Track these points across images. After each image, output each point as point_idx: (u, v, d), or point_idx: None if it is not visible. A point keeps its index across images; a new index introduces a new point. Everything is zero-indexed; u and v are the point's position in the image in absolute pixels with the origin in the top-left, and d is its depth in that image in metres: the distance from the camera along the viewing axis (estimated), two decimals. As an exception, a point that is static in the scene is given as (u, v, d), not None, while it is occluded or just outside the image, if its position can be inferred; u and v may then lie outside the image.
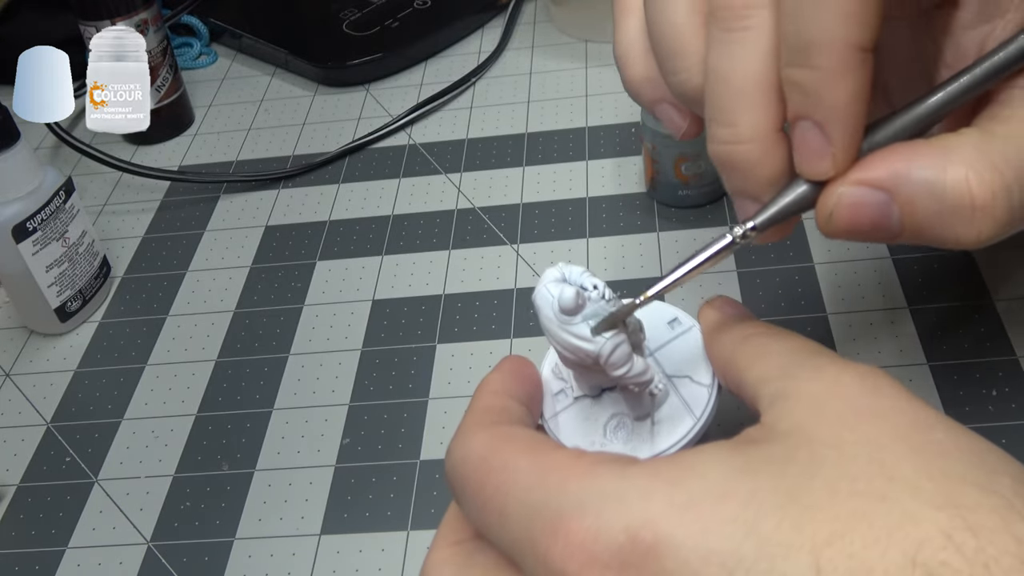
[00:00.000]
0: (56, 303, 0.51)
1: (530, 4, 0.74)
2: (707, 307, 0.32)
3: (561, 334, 0.28)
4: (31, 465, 0.46)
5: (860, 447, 0.23)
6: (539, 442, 0.27)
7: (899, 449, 0.22)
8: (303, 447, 0.45)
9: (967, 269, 0.47)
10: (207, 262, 0.56)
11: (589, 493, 0.24)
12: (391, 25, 0.70)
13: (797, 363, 0.26)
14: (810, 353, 0.27)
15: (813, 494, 0.22)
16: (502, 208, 0.56)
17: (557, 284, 0.29)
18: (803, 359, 0.27)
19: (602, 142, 0.59)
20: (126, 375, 0.50)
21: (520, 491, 0.25)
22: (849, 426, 0.23)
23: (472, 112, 0.64)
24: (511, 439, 0.27)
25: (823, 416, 0.24)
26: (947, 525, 0.20)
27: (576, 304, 0.28)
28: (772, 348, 0.28)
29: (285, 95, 0.69)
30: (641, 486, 0.23)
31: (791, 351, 0.27)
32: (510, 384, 0.31)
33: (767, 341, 0.28)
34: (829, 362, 0.26)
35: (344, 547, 0.40)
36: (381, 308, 0.51)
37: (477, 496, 0.26)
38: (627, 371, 0.29)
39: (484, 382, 0.31)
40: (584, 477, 0.24)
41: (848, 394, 0.24)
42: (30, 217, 0.48)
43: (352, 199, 0.58)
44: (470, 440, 0.27)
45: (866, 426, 0.23)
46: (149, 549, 0.42)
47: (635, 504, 0.23)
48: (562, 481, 0.24)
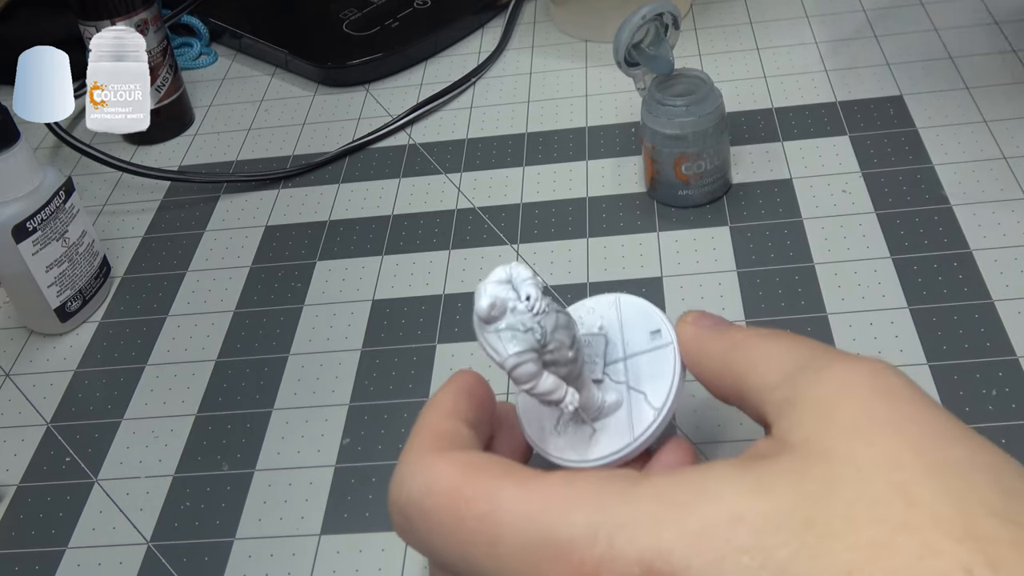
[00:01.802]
0: (56, 303, 0.51)
1: (530, 4, 0.74)
2: (682, 324, 0.31)
3: (479, 335, 0.29)
4: (31, 465, 0.46)
5: (877, 466, 0.22)
6: (515, 467, 0.26)
7: (917, 469, 0.22)
8: (303, 447, 0.45)
9: (967, 269, 0.47)
10: (207, 262, 0.56)
11: (597, 520, 0.23)
12: (391, 25, 0.70)
13: (799, 365, 0.26)
14: (811, 353, 0.26)
15: (830, 520, 0.21)
16: (502, 208, 0.56)
17: (498, 285, 0.28)
18: (805, 360, 0.26)
19: (602, 142, 0.59)
20: (126, 375, 0.50)
21: (516, 519, 0.24)
22: (864, 438, 0.23)
23: (472, 112, 0.64)
24: (483, 466, 0.26)
25: (836, 425, 0.23)
26: (967, 560, 0.20)
27: (488, 315, 0.28)
28: (767, 351, 0.27)
29: (285, 95, 0.69)
30: (650, 511, 0.22)
31: (789, 352, 0.27)
32: (462, 405, 0.30)
33: (760, 344, 0.28)
34: (833, 360, 0.25)
35: (344, 547, 0.40)
36: (381, 308, 0.51)
37: (456, 530, 0.25)
38: (531, 388, 0.29)
39: (434, 402, 0.30)
40: (589, 503, 0.23)
41: (860, 396, 0.24)
42: (30, 217, 0.48)
43: (352, 199, 0.58)
44: (430, 470, 0.26)
45: (882, 440, 0.22)
46: (149, 549, 0.42)
47: (647, 532, 0.22)
48: (566, 509, 0.23)
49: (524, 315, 0.28)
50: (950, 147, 0.54)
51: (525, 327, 0.28)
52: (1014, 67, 0.59)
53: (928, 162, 0.53)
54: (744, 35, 0.66)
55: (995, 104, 0.56)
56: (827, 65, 0.62)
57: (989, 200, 0.50)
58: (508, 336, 0.28)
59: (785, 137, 0.57)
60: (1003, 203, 0.50)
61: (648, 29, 0.51)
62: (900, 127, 0.56)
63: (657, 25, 0.51)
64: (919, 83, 0.59)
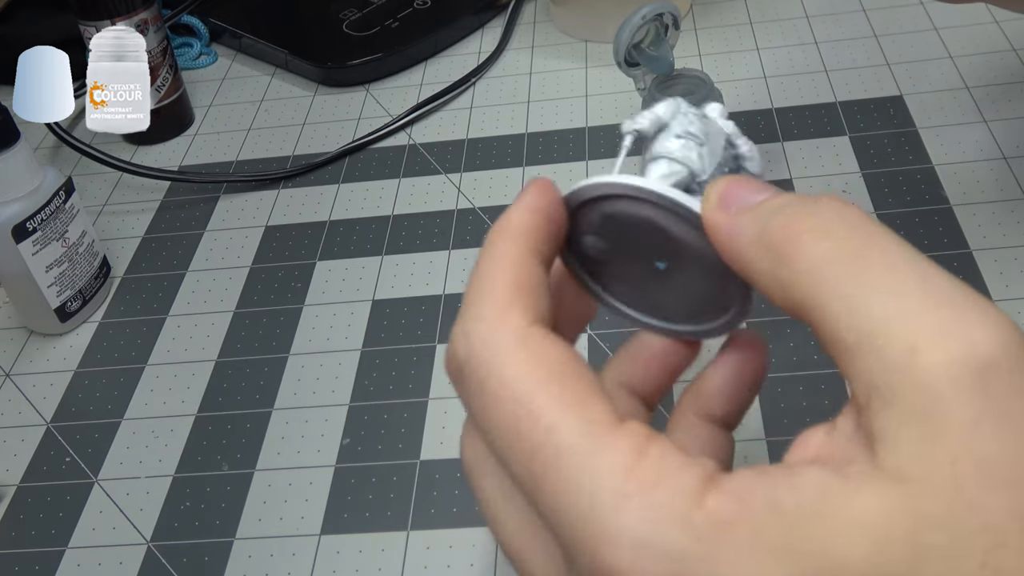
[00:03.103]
0: (56, 303, 0.51)
1: (530, 4, 0.74)
2: (707, 206, 0.24)
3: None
4: (31, 465, 0.46)
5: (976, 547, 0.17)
6: (587, 404, 0.21)
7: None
8: (303, 447, 0.45)
9: (967, 269, 0.47)
10: (207, 262, 0.56)
11: (644, 534, 0.19)
12: (391, 25, 0.70)
13: (910, 309, 0.19)
14: (924, 289, 0.19)
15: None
16: (502, 208, 0.55)
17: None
18: (917, 302, 0.19)
19: (602, 142, 0.59)
20: (126, 375, 0.50)
21: (559, 479, 0.21)
22: (969, 504, 0.18)
23: (472, 112, 0.64)
24: (563, 379, 0.22)
25: (940, 473, 0.18)
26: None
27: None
28: (844, 288, 0.20)
29: (285, 95, 0.69)
30: (705, 553, 0.19)
31: (865, 268, 0.20)
32: (542, 237, 0.25)
33: (830, 276, 0.20)
34: (933, 338, 0.18)
35: (344, 547, 0.40)
36: (381, 308, 0.51)
37: (506, 432, 0.22)
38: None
39: (514, 228, 0.25)
40: (642, 502, 0.20)
41: (963, 430, 0.18)
42: (30, 217, 0.48)
43: (352, 199, 0.58)
44: (502, 344, 0.22)
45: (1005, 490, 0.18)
46: (149, 549, 0.42)
47: (694, 569, 0.19)
48: (618, 501, 0.20)
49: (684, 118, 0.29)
50: (950, 147, 0.54)
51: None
52: (1014, 67, 0.59)
53: (928, 162, 0.53)
54: (744, 35, 0.66)
55: (995, 104, 0.56)
56: (827, 65, 0.62)
57: (989, 200, 0.50)
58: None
59: (785, 137, 0.57)
60: (1003, 203, 0.50)
61: (648, 29, 0.51)
62: (900, 127, 0.56)
63: (657, 25, 0.51)
64: (919, 83, 0.59)
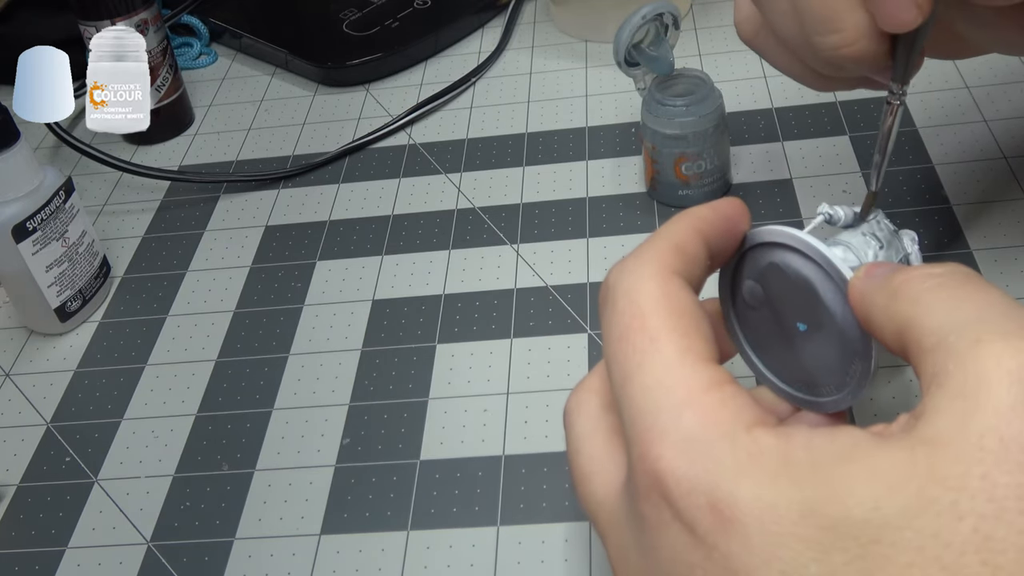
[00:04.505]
0: (56, 303, 0.51)
1: (530, 4, 0.74)
2: (852, 281, 0.27)
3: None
4: (31, 465, 0.46)
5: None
6: (692, 338, 0.25)
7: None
8: (303, 447, 0.45)
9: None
10: (207, 262, 0.56)
11: (693, 435, 0.23)
12: (391, 25, 0.70)
13: (956, 329, 0.22)
14: (976, 314, 0.23)
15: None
16: (502, 208, 0.56)
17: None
18: (963, 323, 0.22)
19: (602, 142, 0.59)
20: (126, 375, 0.50)
21: (647, 375, 0.25)
22: (983, 475, 0.20)
23: (472, 112, 0.64)
24: (672, 312, 0.26)
25: (966, 441, 0.20)
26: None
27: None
28: (927, 305, 0.24)
29: (285, 95, 0.69)
30: (737, 467, 0.22)
31: (949, 309, 0.23)
32: (716, 232, 0.29)
33: (921, 295, 0.24)
34: (990, 336, 0.22)
35: (344, 547, 0.40)
36: (381, 308, 0.51)
37: (620, 340, 0.26)
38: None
39: (696, 213, 0.29)
40: (701, 415, 0.23)
41: (999, 410, 0.21)
42: (30, 217, 0.48)
43: (352, 199, 0.58)
44: (647, 278, 0.26)
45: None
46: (149, 549, 0.42)
47: (723, 478, 0.22)
48: (682, 409, 0.24)
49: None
50: (950, 147, 0.54)
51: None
52: (1014, 67, 0.59)
53: (928, 162, 0.53)
54: (744, 35, 0.66)
55: (995, 104, 0.56)
56: (827, 65, 0.62)
57: (989, 200, 0.50)
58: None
59: (785, 137, 0.57)
60: (1003, 203, 0.50)
61: (648, 29, 0.51)
62: (900, 127, 0.56)
63: (657, 25, 0.51)
64: (919, 83, 0.59)
